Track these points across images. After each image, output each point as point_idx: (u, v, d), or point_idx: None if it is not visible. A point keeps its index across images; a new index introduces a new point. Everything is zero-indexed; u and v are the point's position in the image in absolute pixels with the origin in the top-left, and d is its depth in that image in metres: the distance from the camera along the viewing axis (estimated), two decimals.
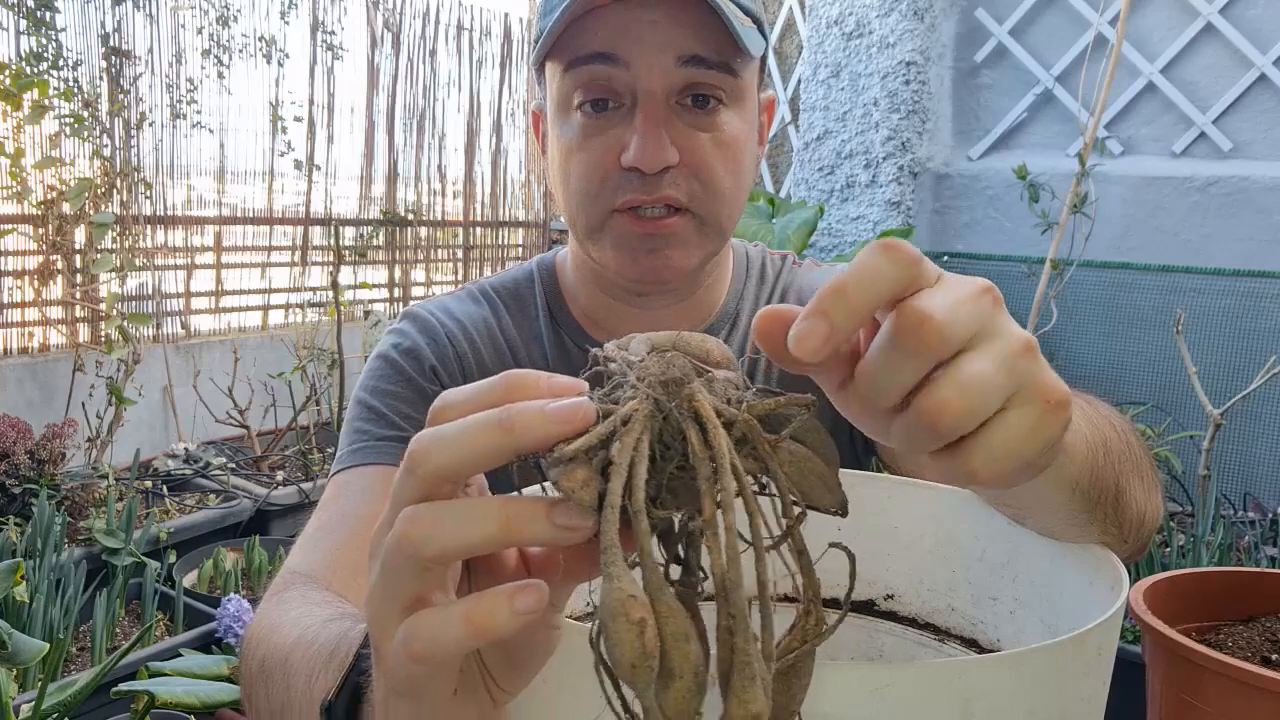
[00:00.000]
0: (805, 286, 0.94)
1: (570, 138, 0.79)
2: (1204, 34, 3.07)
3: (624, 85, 0.76)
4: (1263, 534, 2.40)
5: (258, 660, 0.64)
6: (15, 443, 2.37)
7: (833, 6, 3.59)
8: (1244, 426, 2.87)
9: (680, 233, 0.78)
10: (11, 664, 1.30)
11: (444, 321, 0.89)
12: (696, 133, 0.77)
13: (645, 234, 0.78)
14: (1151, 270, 3.09)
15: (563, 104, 0.79)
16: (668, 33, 0.74)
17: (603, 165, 0.77)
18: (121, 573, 2.26)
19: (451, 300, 0.93)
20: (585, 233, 0.81)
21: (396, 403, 0.84)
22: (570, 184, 0.80)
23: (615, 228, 0.79)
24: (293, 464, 3.19)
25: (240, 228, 3.76)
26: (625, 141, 0.76)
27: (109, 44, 3.10)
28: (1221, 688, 1.31)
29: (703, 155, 0.77)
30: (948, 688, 0.39)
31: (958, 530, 0.62)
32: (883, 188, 3.50)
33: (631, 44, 0.74)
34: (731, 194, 0.80)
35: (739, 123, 0.79)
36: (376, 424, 0.83)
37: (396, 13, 4.15)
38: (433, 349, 0.87)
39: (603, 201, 0.78)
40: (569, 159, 0.80)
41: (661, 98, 0.75)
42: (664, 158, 0.75)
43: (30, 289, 3.03)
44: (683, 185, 0.77)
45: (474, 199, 4.69)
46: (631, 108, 0.76)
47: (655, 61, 0.74)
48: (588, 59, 0.75)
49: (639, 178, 0.76)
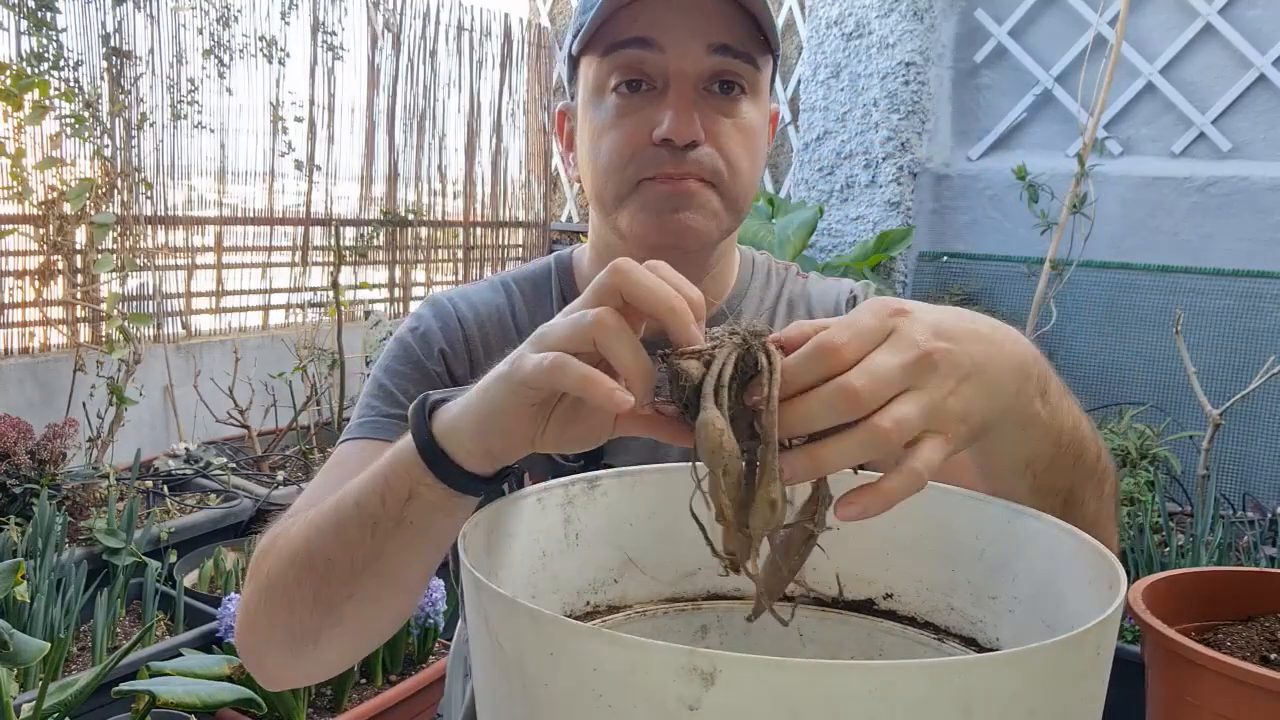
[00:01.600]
0: (808, 295, 1.00)
1: (604, 117, 0.85)
2: (1203, 34, 3.08)
3: (657, 69, 0.83)
4: (1262, 534, 2.40)
5: (285, 553, 0.72)
6: (16, 443, 2.37)
7: (833, 7, 3.59)
8: (1243, 426, 2.87)
9: (702, 196, 0.84)
10: (12, 664, 1.30)
11: (459, 307, 0.95)
12: (721, 117, 0.84)
13: (671, 192, 0.83)
14: (1151, 270, 3.09)
15: (598, 89, 0.86)
16: (699, 22, 0.81)
17: (634, 140, 0.83)
18: (122, 572, 2.26)
19: (472, 289, 0.99)
20: (613, 201, 0.86)
21: (404, 383, 0.90)
22: (600, 158, 0.86)
23: (643, 191, 0.84)
24: (293, 464, 3.19)
25: (241, 228, 3.76)
26: (657, 119, 0.82)
27: (110, 44, 3.10)
28: (1220, 687, 1.31)
29: (726, 137, 0.84)
30: (947, 687, 0.39)
31: (958, 530, 0.63)
32: (882, 188, 3.51)
33: (666, 31, 0.81)
34: (749, 177, 0.87)
35: (756, 114, 0.87)
36: (384, 401, 0.89)
37: (397, 13, 4.15)
38: (444, 333, 0.93)
39: (632, 171, 0.84)
40: (601, 136, 0.86)
41: (691, 81, 0.82)
42: (694, 130, 0.82)
43: (31, 289, 3.03)
44: (706, 162, 0.83)
45: (474, 199, 4.69)
46: (663, 90, 0.83)
47: (688, 48, 0.82)
48: (625, 43, 0.82)
49: (669, 151, 0.82)
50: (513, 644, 0.45)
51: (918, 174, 3.53)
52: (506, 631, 0.46)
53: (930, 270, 3.55)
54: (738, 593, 0.69)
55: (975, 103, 3.56)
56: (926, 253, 3.56)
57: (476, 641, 0.51)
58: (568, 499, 0.64)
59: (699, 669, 0.38)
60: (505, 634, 0.46)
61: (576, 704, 0.42)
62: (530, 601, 0.45)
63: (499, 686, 0.48)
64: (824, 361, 0.49)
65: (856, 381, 0.48)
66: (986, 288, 3.41)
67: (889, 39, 3.45)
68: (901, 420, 0.48)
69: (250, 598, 0.76)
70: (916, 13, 3.42)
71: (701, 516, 0.50)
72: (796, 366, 0.50)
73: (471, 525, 0.56)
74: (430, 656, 2.17)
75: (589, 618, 0.65)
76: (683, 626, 0.68)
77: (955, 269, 3.49)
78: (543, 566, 0.63)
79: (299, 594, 0.70)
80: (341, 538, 0.67)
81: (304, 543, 0.70)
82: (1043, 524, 0.59)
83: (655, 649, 0.39)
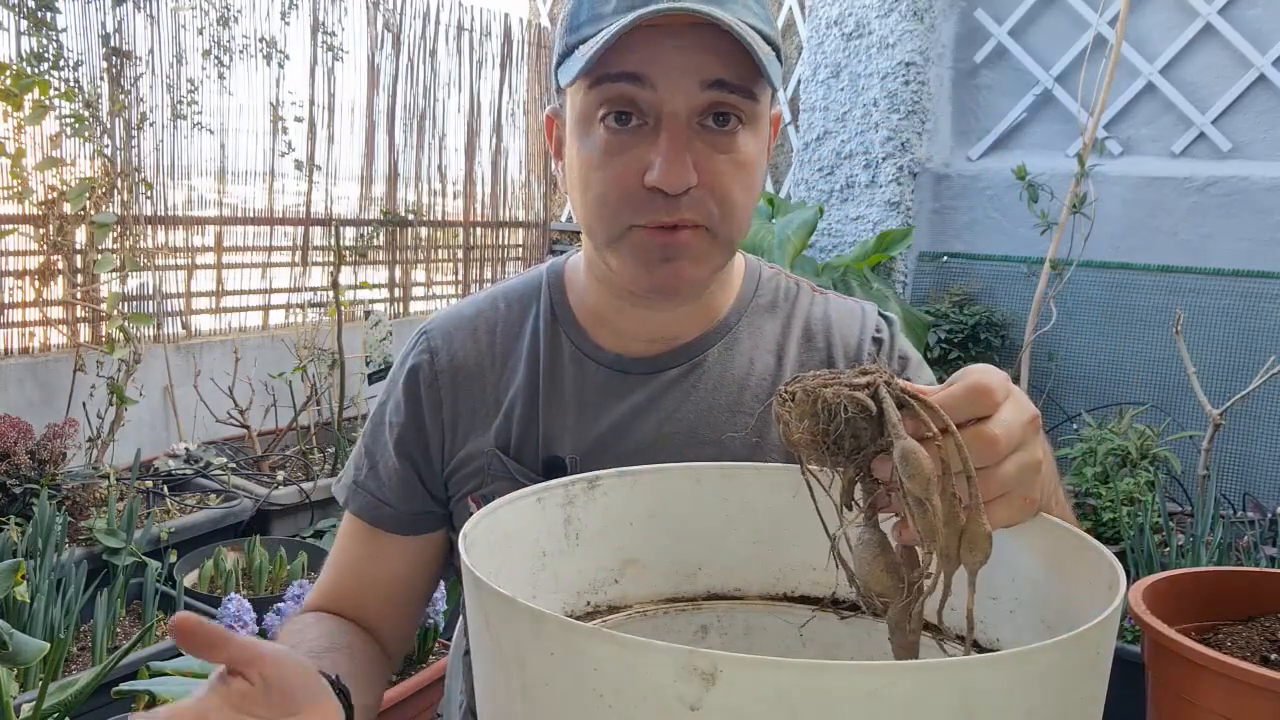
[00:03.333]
0: (828, 321, 0.96)
1: (592, 151, 0.82)
2: (1203, 34, 3.08)
3: (648, 104, 0.79)
4: (1262, 534, 2.40)
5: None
6: (16, 443, 2.37)
7: (832, 7, 3.59)
8: (1243, 426, 2.87)
9: (694, 245, 0.81)
10: (12, 664, 1.30)
11: (447, 332, 0.97)
12: (716, 155, 0.80)
13: (661, 244, 0.81)
14: (1151, 270, 3.09)
15: (585, 118, 0.82)
16: (694, 58, 0.77)
17: (624, 181, 0.80)
18: (122, 572, 2.26)
19: (466, 304, 1.00)
20: (605, 242, 0.84)
21: (398, 441, 0.96)
22: (590, 195, 0.83)
23: (633, 240, 0.82)
24: (293, 464, 3.19)
25: (241, 228, 3.76)
26: (648, 161, 0.79)
27: (110, 44, 3.10)
28: (1220, 687, 1.31)
29: (721, 177, 0.80)
30: (947, 688, 0.39)
31: None
32: (882, 188, 3.50)
33: (659, 67, 0.77)
34: (744, 211, 0.84)
35: (754, 143, 0.83)
36: (372, 474, 0.97)
37: (397, 13, 4.15)
38: (431, 363, 0.96)
39: (623, 217, 0.81)
40: (590, 173, 0.82)
41: (684, 119, 0.78)
42: (686, 179, 0.78)
43: (31, 289, 3.03)
44: (700, 207, 0.80)
45: (474, 199, 4.69)
46: (655, 127, 0.79)
47: (680, 84, 0.77)
48: (615, 77, 0.78)
49: (661, 198, 0.79)
50: (513, 644, 0.45)
51: (918, 174, 3.53)
52: (506, 631, 0.46)
53: (930, 270, 3.55)
54: (738, 593, 0.69)
55: (975, 103, 3.56)
56: (926, 253, 3.56)
57: (476, 641, 0.51)
58: (568, 499, 0.64)
59: (699, 669, 0.39)
60: (505, 634, 0.46)
61: (576, 704, 0.42)
62: (530, 601, 0.45)
63: (499, 686, 0.48)
64: (978, 402, 0.53)
65: (996, 430, 0.52)
66: (986, 288, 3.42)
67: (889, 39, 3.45)
68: (1008, 477, 0.54)
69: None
70: (916, 13, 3.42)
71: (846, 555, 0.53)
72: (953, 405, 0.53)
73: (472, 525, 0.56)
74: (430, 656, 2.17)
75: (589, 618, 0.65)
76: (683, 626, 0.68)
77: (955, 269, 3.49)
78: (543, 566, 0.63)
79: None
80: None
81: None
82: (1043, 524, 0.59)
83: (655, 649, 0.39)
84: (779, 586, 0.69)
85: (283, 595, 2.04)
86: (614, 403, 0.91)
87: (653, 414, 0.90)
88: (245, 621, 1.97)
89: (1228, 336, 2.95)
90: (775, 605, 0.68)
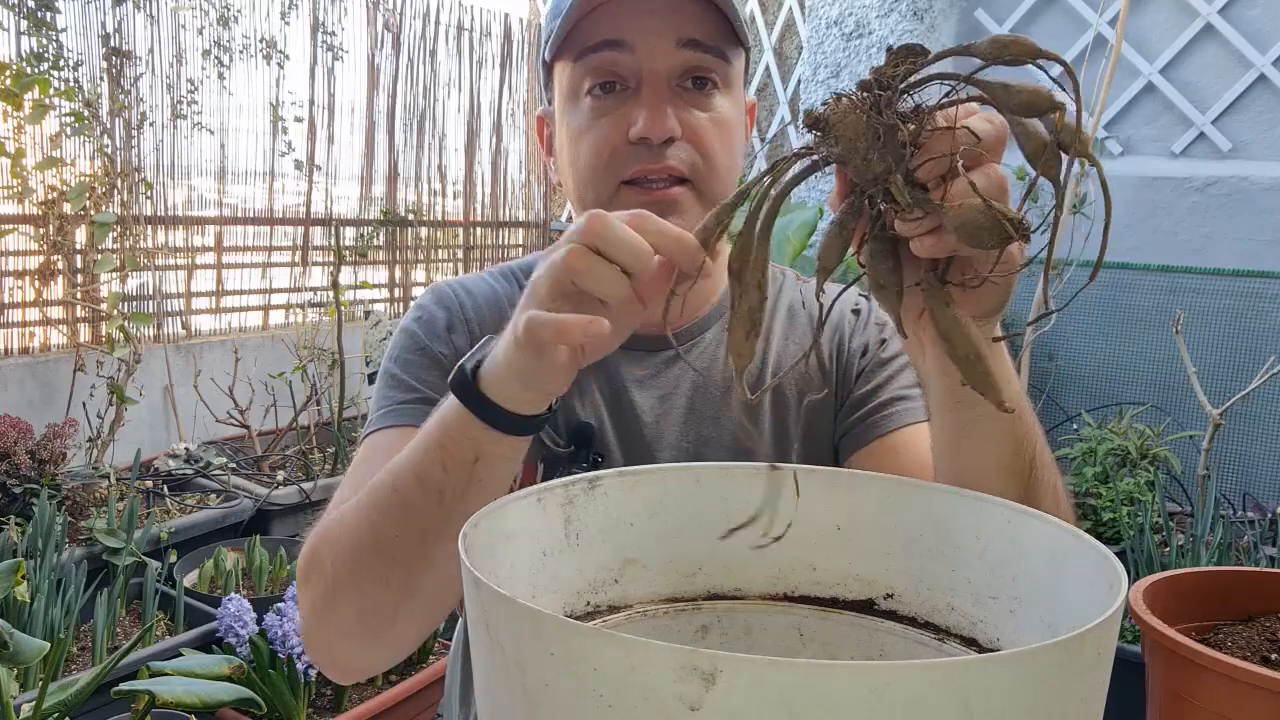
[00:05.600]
0: (801, 299, 1.00)
1: (580, 121, 0.86)
2: (1203, 34, 3.08)
3: (629, 69, 0.84)
4: (1262, 533, 2.40)
5: (346, 543, 0.74)
6: (16, 442, 2.37)
7: (832, 7, 3.59)
8: (1243, 426, 2.87)
9: (682, 201, 0.85)
10: (12, 664, 1.30)
11: (458, 293, 0.97)
12: (696, 111, 0.85)
13: (651, 202, 0.83)
14: (1151, 270, 3.09)
15: (572, 93, 0.87)
16: (667, 20, 0.83)
17: (611, 140, 0.84)
18: (122, 572, 2.26)
19: (472, 278, 1.01)
20: (595, 205, 0.86)
21: (416, 370, 0.92)
22: (580, 162, 0.87)
23: (623, 200, 0.85)
24: (293, 464, 3.19)
25: (241, 228, 3.76)
26: (632, 118, 0.83)
27: (109, 44, 3.10)
28: (1220, 687, 1.31)
29: (702, 131, 0.85)
30: (947, 688, 0.39)
31: (958, 530, 0.63)
32: None
33: (635, 30, 0.83)
34: (727, 171, 0.88)
35: (731, 107, 0.88)
36: (399, 389, 0.91)
37: (397, 13, 4.15)
38: (447, 317, 0.95)
39: (611, 174, 0.85)
40: (579, 141, 0.86)
41: (664, 77, 0.84)
42: (669, 127, 0.83)
43: (31, 289, 3.03)
44: (684, 156, 0.84)
45: (474, 199, 4.69)
46: (637, 90, 0.84)
47: (657, 44, 0.83)
48: (596, 47, 0.84)
49: (646, 149, 0.83)
50: (513, 644, 0.45)
51: None
52: (506, 631, 0.46)
53: None
54: (738, 593, 0.69)
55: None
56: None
57: (476, 641, 0.51)
58: (568, 499, 0.64)
59: (699, 669, 0.38)
60: (505, 634, 0.46)
61: (576, 704, 0.42)
62: (530, 601, 0.45)
63: (499, 686, 0.48)
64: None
65: (983, 125, 0.56)
66: None
67: (889, 39, 3.45)
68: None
69: (315, 596, 0.77)
70: (916, 13, 3.42)
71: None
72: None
73: (471, 525, 0.56)
74: (430, 657, 2.17)
75: (589, 618, 0.65)
76: (683, 626, 0.68)
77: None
78: (543, 566, 0.63)
79: (370, 576, 0.73)
80: (408, 512, 0.70)
81: (367, 527, 0.72)
82: (1043, 524, 0.59)
83: (655, 649, 0.39)
84: (779, 586, 0.69)
85: (283, 595, 2.04)
86: (618, 378, 0.94)
87: (653, 389, 0.94)
88: (245, 621, 1.97)
89: (1228, 336, 2.95)
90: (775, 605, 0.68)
